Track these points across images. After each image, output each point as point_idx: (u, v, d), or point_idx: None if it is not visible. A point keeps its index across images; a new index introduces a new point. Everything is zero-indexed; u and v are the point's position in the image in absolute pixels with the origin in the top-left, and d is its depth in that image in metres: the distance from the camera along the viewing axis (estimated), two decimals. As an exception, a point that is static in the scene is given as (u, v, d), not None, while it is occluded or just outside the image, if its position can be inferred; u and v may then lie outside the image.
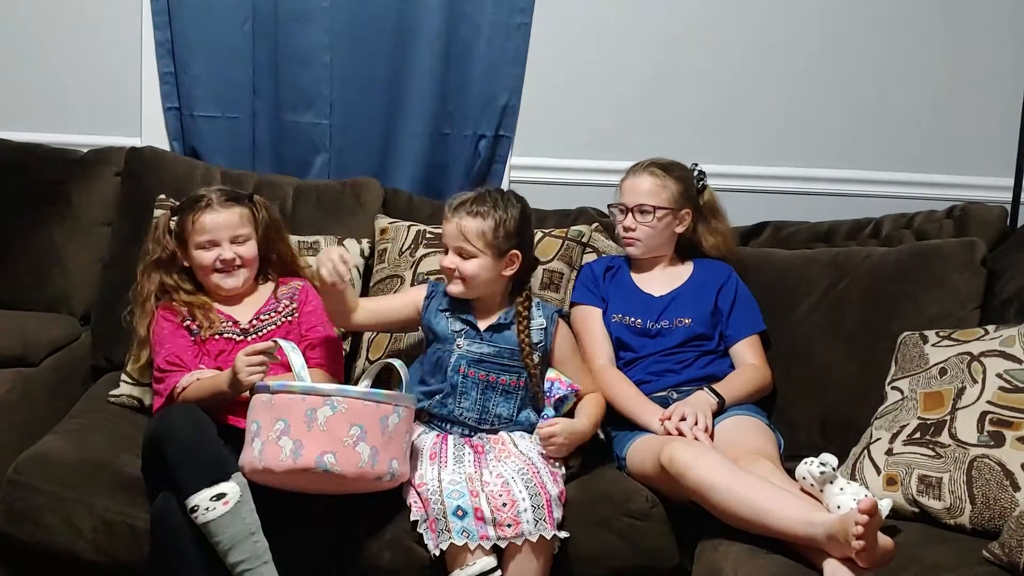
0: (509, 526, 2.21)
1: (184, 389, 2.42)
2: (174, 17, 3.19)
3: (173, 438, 2.21)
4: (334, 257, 2.40)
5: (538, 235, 2.84)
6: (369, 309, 2.60)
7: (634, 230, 2.73)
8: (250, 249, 2.62)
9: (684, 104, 3.30)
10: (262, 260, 2.68)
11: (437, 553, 2.21)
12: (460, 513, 2.22)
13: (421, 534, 2.25)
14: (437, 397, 2.50)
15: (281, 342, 2.35)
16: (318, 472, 2.16)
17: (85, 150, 3.18)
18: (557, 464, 2.45)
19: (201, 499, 2.15)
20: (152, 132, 3.28)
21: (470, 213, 2.48)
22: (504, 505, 2.23)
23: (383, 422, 2.22)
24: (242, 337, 2.58)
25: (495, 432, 2.51)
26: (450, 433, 2.50)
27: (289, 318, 2.64)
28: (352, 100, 3.24)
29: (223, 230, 2.57)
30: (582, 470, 2.50)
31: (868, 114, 3.30)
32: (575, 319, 2.75)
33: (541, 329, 2.56)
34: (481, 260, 2.47)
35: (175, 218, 2.62)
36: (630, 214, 2.73)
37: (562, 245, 2.85)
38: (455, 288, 2.52)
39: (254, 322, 2.61)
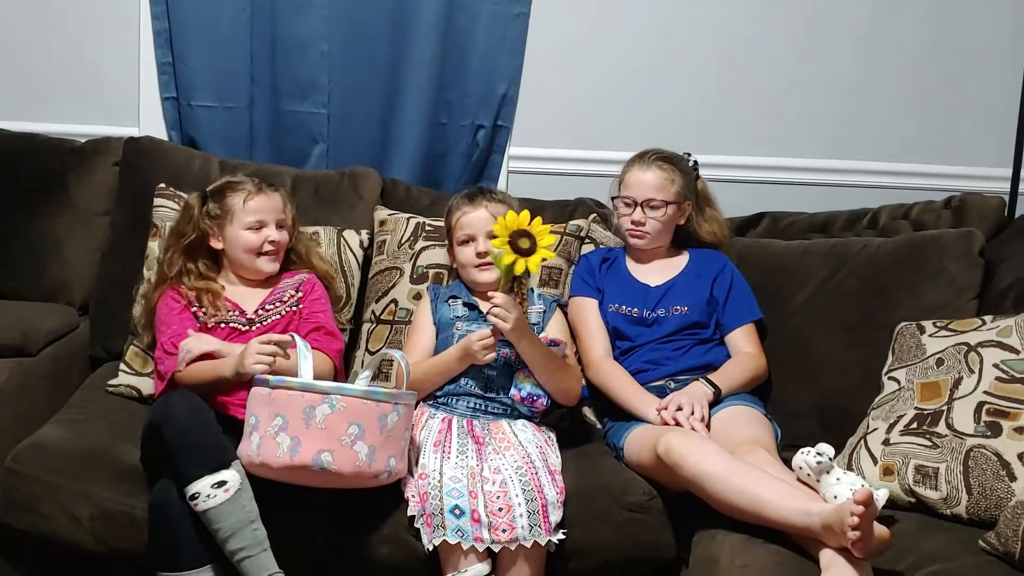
0: (504, 531, 2.22)
1: (187, 365, 2.42)
2: (172, 7, 3.18)
3: (173, 425, 2.21)
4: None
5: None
6: (423, 359, 2.59)
7: (644, 224, 2.73)
8: (286, 235, 2.68)
9: (683, 94, 3.30)
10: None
11: (430, 548, 2.22)
12: (457, 512, 2.22)
13: (418, 529, 2.26)
14: None
15: (297, 339, 2.35)
16: (315, 470, 2.17)
17: (83, 140, 3.17)
18: (553, 444, 2.49)
19: (202, 487, 2.16)
20: (150, 122, 3.27)
21: (492, 200, 2.66)
22: (500, 510, 2.24)
23: (382, 420, 2.22)
24: (247, 327, 2.58)
25: (498, 416, 2.54)
26: (455, 413, 2.52)
27: (294, 308, 2.64)
28: (350, 89, 3.24)
29: (271, 212, 2.64)
30: (579, 461, 2.51)
31: (866, 104, 3.30)
32: (572, 311, 2.76)
33: (540, 312, 2.64)
34: None
35: (213, 200, 2.63)
36: (639, 208, 2.73)
37: (560, 240, 2.86)
38: (489, 275, 2.60)
39: (259, 312, 2.62)
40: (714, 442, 2.30)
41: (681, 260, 2.82)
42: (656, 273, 2.79)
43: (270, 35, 3.20)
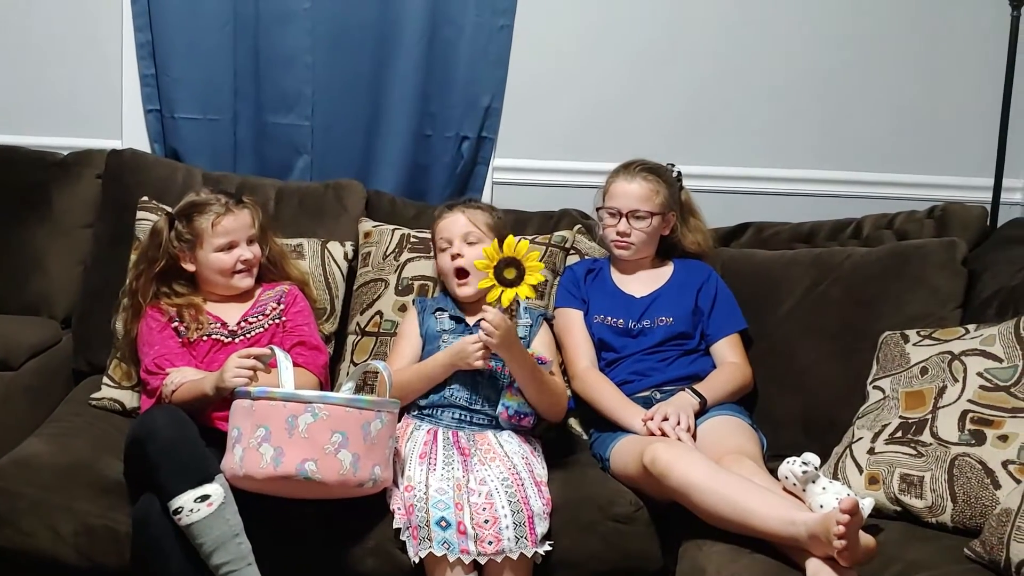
0: (490, 543, 2.21)
1: (174, 391, 2.41)
2: (155, 19, 3.17)
3: (155, 439, 2.20)
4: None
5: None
6: (408, 366, 2.59)
7: (629, 235, 2.73)
8: (258, 249, 2.67)
9: (667, 105, 3.31)
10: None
11: (416, 560, 2.21)
12: (443, 524, 2.21)
13: (404, 541, 2.25)
14: None
15: (277, 351, 2.34)
16: (299, 479, 2.15)
17: (66, 152, 3.16)
18: (539, 455, 2.48)
19: (185, 501, 2.14)
20: (133, 134, 3.26)
21: (470, 206, 2.70)
22: (486, 522, 2.23)
23: (365, 428, 2.21)
24: (230, 339, 2.58)
25: (483, 426, 2.53)
26: (440, 424, 2.52)
27: (276, 320, 2.64)
28: (334, 102, 3.23)
29: (241, 231, 2.62)
30: (565, 472, 2.50)
31: (849, 115, 3.32)
32: (557, 322, 2.76)
33: (527, 326, 2.63)
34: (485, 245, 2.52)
35: (181, 223, 2.61)
36: (624, 219, 2.73)
37: (545, 252, 2.86)
38: (468, 290, 2.62)
39: (242, 324, 2.61)
40: (700, 452, 2.30)
41: (666, 271, 2.82)
42: (641, 284, 2.79)
43: (254, 47, 3.20)
